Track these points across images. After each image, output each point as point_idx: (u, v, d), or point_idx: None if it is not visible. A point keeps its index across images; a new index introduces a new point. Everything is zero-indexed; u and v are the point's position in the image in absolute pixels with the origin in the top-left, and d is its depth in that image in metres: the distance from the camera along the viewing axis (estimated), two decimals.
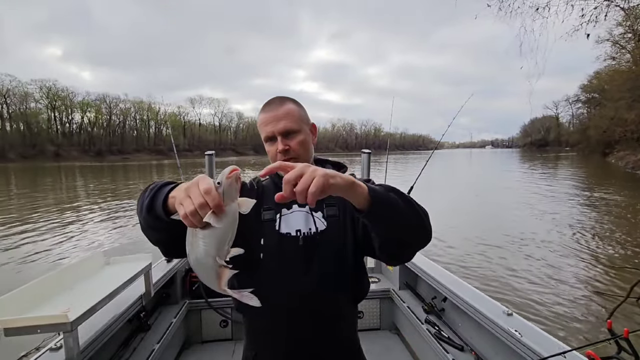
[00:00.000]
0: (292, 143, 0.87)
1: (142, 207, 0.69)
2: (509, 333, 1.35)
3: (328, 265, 0.86)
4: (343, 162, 1.04)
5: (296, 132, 0.88)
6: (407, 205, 0.68)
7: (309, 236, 0.87)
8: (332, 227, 0.89)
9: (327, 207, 0.91)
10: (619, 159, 27.99)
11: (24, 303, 1.24)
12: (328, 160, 1.04)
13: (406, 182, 2.87)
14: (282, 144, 0.86)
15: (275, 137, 0.87)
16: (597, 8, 7.84)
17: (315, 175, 0.55)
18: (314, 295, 0.85)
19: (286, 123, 0.86)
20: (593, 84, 44.62)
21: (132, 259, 1.80)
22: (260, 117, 0.91)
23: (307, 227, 0.88)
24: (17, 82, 61.89)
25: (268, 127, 0.88)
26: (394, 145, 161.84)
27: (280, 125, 0.86)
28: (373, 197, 0.62)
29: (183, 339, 2.28)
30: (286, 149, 0.86)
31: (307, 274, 0.86)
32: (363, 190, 0.62)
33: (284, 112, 0.87)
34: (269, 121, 0.88)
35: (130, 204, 11.85)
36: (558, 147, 79.28)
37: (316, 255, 0.86)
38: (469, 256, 5.62)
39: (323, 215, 0.90)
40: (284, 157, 0.87)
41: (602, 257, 5.48)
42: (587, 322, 3.52)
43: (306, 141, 0.90)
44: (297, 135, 0.88)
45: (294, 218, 0.90)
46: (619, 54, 28.12)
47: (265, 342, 0.92)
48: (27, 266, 5.66)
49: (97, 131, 73.25)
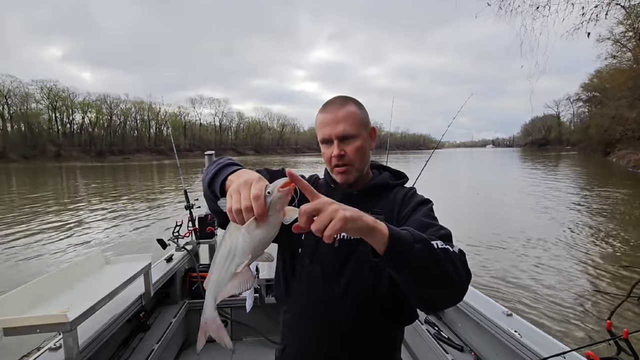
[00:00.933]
0: (349, 149, 0.84)
1: (205, 178, 0.74)
2: (508, 333, 1.34)
3: (362, 273, 0.83)
4: None
5: (354, 137, 0.84)
6: (435, 260, 0.61)
7: (345, 240, 0.85)
8: None
9: (373, 214, 0.87)
10: (620, 158, 27.93)
11: (23, 303, 1.24)
12: (389, 168, 1.00)
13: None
14: (337, 149, 0.83)
15: (331, 140, 0.84)
16: (597, 6, 7.80)
17: (334, 217, 0.53)
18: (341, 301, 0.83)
19: (345, 127, 0.83)
20: (594, 82, 44.51)
21: (131, 259, 1.80)
22: (319, 117, 0.87)
23: None
24: (18, 82, 62.03)
25: (326, 129, 0.84)
26: (395, 144, 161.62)
27: (338, 128, 0.83)
28: (391, 246, 0.58)
29: (183, 339, 2.28)
30: (342, 154, 0.84)
31: (340, 278, 0.84)
32: (383, 236, 0.58)
33: (344, 114, 0.84)
34: (327, 123, 0.84)
35: (130, 203, 11.88)
36: (559, 146, 79.18)
37: (350, 261, 0.84)
38: (469, 256, 5.61)
39: None
40: (338, 162, 0.84)
41: (603, 257, 5.48)
42: (587, 323, 3.51)
43: (363, 147, 0.86)
44: (355, 140, 0.84)
45: None
46: (620, 52, 28.04)
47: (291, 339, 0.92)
48: (26, 266, 5.67)
49: (97, 131, 73.35)
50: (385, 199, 0.91)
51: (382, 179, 0.93)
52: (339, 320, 0.85)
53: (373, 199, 0.90)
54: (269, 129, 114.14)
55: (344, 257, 0.85)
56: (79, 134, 71.09)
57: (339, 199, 0.88)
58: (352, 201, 0.88)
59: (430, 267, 0.60)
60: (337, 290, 0.84)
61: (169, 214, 9.76)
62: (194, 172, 23.03)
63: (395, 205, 0.88)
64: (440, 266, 0.61)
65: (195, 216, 2.70)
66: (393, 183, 0.94)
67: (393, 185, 0.93)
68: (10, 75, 61.50)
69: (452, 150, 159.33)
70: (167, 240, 2.43)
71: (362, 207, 0.86)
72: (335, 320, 0.85)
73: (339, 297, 0.84)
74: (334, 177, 0.90)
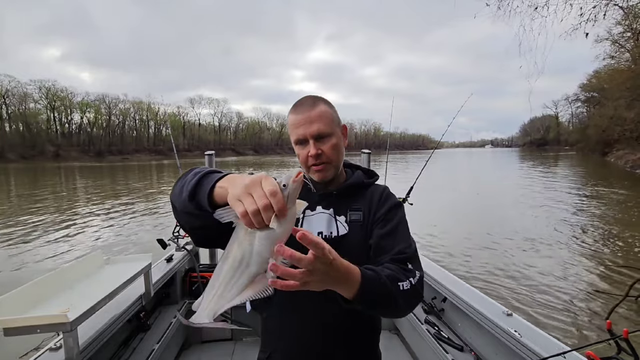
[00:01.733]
0: (325, 147, 0.85)
1: (183, 191, 0.66)
2: (508, 333, 1.35)
3: None
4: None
5: (329, 135, 0.85)
6: (394, 302, 0.70)
7: (329, 239, 0.85)
8: (354, 232, 0.87)
9: (351, 211, 0.89)
10: (619, 158, 28.00)
11: (23, 303, 1.24)
12: (360, 166, 1.02)
13: (408, 181, 2.88)
14: (314, 148, 0.83)
15: (307, 140, 0.84)
16: (595, 7, 7.83)
17: (309, 285, 0.54)
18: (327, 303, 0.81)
19: (319, 126, 0.83)
20: (592, 83, 44.62)
21: (132, 259, 1.79)
22: (291, 118, 0.87)
23: (329, 230, 0.87)
24: (16, 82, 61.83)
25: (300, 129, 0.84)
26: (394, 144, 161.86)
27: (313, 128, 0.83)
28: (360, 297, 0.64)
29: (183, 339, 2.28)
30: (319, 153, 0.84)
31: None
32: (352, 288, 0.63)
33: (317, 113, 0.84)
34: (300, 123, 0.84)
35: (130, 204, 11.85)
36: (557, 146, 79.38)
37: None
38: (468, 256, 5.62)
39: (346, 219, 0.88)
40: (315, 161, 0.85)
41: (602, 256, 5.49)
42: (587, 322, 3.52)
43: (338, 145, 0.88)
44: (330, 138, 0.85)
45: (317, 220, 0.89)
46: (618, 53, 28.09)
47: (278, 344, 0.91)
48: (26, 266, 5.66)
49: (96, 131, 73.16)
50: (362, 197, 0.93)
51: (357, 178, 0.95)
52: (332, 319, 0.85)
53: (351, 198, 0.92)
54: (268, 129, 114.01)
55: None
56: (78, 134, 70.89)
57: (317, 199, 0.91)
58: (331, 201, 0.91)
59: (389, 305, 0.70)
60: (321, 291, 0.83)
61: (169, 214, 9.75)
62: None
63: (373, 203, 0.91)
64: (395, 304, 0.71)
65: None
66: (367, 182, 0.96)
67: (368, 184, 0.96)
68: (8, 75, 61.41)
69: (451, 151, 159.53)
70: (167, 240, 2.43)
71: (341, 205, 0.91)
72: (328, 319, 0.85)
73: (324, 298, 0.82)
74: (311, 176, 0.91)
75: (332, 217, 0.88)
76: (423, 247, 5.95)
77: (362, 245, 0.86)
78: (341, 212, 0.89)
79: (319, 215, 0.89)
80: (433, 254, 5.65)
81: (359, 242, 0.86)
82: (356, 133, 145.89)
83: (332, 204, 0.90)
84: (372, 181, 0.98)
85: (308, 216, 0.89)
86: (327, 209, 0.89)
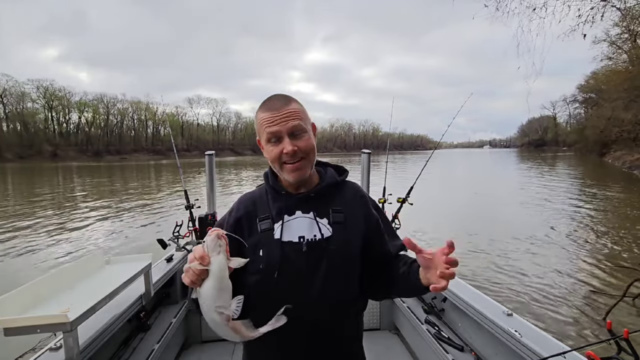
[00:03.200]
0: (301, 144, 0.82)
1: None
2: (508, 333, 1.35)
3: (335, 273, 0.84)
4: (341, 163, 1.04)
5: (305, 132, 0.83)
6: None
7: (313, 242, 0.84)
8: (338, 233, 0.86)
9: (334, 213, 0.88)
10: (616, 159, 28.12)
11: (23, 303, 1.23)
12: (329, 163, 1.01)
13: (407, 181, 2.88)
14: (291, 145, 0.80)
15: (281, 136, 0.81)
16: (593, 8, 7.86)
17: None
18: (317, 305, 0.83)
19: (294, 122, 0.81)
20: (590, 84, 44.76)
21: (132, 259, 1.79)
22: (261, 116, 0.83)
23: (312, 233, 0.85)
24: (13, 81, 61.66)
25: (274, 126, 0.80)
26: (393, 145, 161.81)
27: (288, 124, 0.80)
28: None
29: (183, 339, 2.27)
30: (295, 150, 0.80)
31: (312, 283, 0.82)
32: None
33: (292, 110, 0.81)
34: (273, 120, 0.80)
35: (129, 204, 11.82)
36: (555, 147, 79.60)
37: (323, 262, 0.83)
38: (468, 256, 5.63)
39: (329, 221, 0.87)
40: (291, 159, 0.81)
41: (601, 256, 5.51)
42: (587, 322, 3.53)
43: (312, 142, 0.85)
44: (305, 135, 0.83)
45: (297, 224, 0.86)
46: (616, 54, 28.18)
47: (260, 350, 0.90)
48: (26, 266, 5.64)
49: (94, 131, 72.96)
50: (340, 196, 0.92)
51: (332, 177, 0.94)
52: (318, 323, 0.84)
53: (329, 198, 0.91)
54: None
55: (314, 259, 0.84)
56: (76, 133, 70.68)
57: (294, 203, 0.89)
58: (310, 203, 0.89)
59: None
60: (312, 292, 0.82)
61: (169, 214, 9.73)
62: (192, 172, 22.96)
63: (355, 205, 0.92)
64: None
65: (195, 216, 2.69)
66: (340, 179, 0.95)
67: (341, 182, 0.95)
68: (6, 74, 61.23)
69: (449, 151, 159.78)
70: (167, 240, 2.42)
71: (322, 207, 0.89)
72: (314, 323, 0.84)
73: (315, 299, 0.82)
74: (285, 177, 0.86)
75: (314, 220, 0.86)
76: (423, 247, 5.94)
77: (347, 246, 0.86)
78: (323, 214, 0.87)
79: (299, 220, 0.87)
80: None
81: (344, 243, 0.86)
82: (355, 133, 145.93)
83: (311, 207, 0.88)
84: (344, 178, 0.97)
85: (287, 221, 0.86)
86: (307, 212, 0.87)
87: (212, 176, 2.79)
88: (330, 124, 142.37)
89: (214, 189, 2.85)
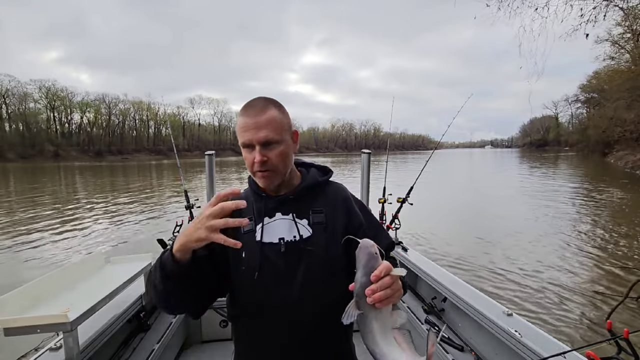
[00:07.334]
0: (272, 154, 0.82)
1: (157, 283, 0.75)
2: (508, 333, 1.35)
3: (315, 273, 0.84)
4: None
5: (277, 142, 0.82)
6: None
7: (292, 243, 0.85)
8: (318, 234, 0.87)
9: (314, 214, 0.88)
10: (618, 159, 28.00)
11: (24, 303, 1.24)
12: (313, 164, 1.01)
13: (407, 181, 2.88)
14: (259, 155, 0.81)
15: (253, 145, 0.81)
16: (595, 8, 7.83)
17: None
18: (299, 305, 0.83)
19: (267, 133, 0.80)
20: (592, 83, 44.57)
21: (132, 258, 1.80)
22: (239, 121, 0.83)
23: (291, 234, 0.86)
24: (16, 82, 61.85)
25: (247, 134, 0.81)
26: (394, 145, 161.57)
27: (260, 134, 0.80)
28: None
29: (183, 339, 2.28)
30: (264, 160, 0.81)
31: (292, 283, 0.83)
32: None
33: (266, 119, 0.81)
34: (248, 127, 0.81)
35: (130, 203, 11.85)
36: (557, 147, 79.37)
37: (301, 263, 0.84)
38: (468, 256, 5.62)
39: (309, 222, 0.88)
40: (260, 168, 0.83)
41: (602, 256, 5.49)
42: (587, 322, 3.52)
43: (285, 152, 0.85)
44: (277, 146, 0.83)
45: (277, 226, 0.87)
46: (618, 54, 28.06)
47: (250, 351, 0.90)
48: (26, 266, 5.65)
49: (96, 131, 73.16)
50: (322, 196, 0.93)
51: (313, 178, 0.94)
52: (302, 323, 0.84)
53: (310, 199, 0.91)
54: None
55: (293, 260, 0.84)
56: (78, 133, 70.90)
57: (274, 205, 0.90)
58: (290, 205, 0.90)
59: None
60: (293, 293, 0.83)
61: (169, 214, 9.75)
62: (194, 172, 22.99)
63: (337, 206, 0.92)
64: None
65: (195, 216, 2.70)
66: (322, 180, 0.95)
67: (324, 182, 0.95)
68: (8, 75, 61.48)
69: (450, 151, 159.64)
70: (167, 240, 2.42)
71: (302, 208, 0.90)
72: (298, 323, 0.84)
73: (296, 300, 0.83)
74: (257, 182, 0.88)
75: (293, 221, 0.87)
76: (423, 247, 5.96)
77: (326, 248, 0.86)
78: (303, 215, 0.88)
79: (279, 222, 0.88)
80: (432, 253, 5.65)
81: (323, 244, 0.86)
82: (356, 133, 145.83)
83: (291, 209, 0.89)
84: (327, 178, 0.97)
85: (267, 224, 0.87)
86: (287, 214, 0.88)
87: (212, 176, 2.79)
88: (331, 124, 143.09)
89: (214, 189, 2.85)
